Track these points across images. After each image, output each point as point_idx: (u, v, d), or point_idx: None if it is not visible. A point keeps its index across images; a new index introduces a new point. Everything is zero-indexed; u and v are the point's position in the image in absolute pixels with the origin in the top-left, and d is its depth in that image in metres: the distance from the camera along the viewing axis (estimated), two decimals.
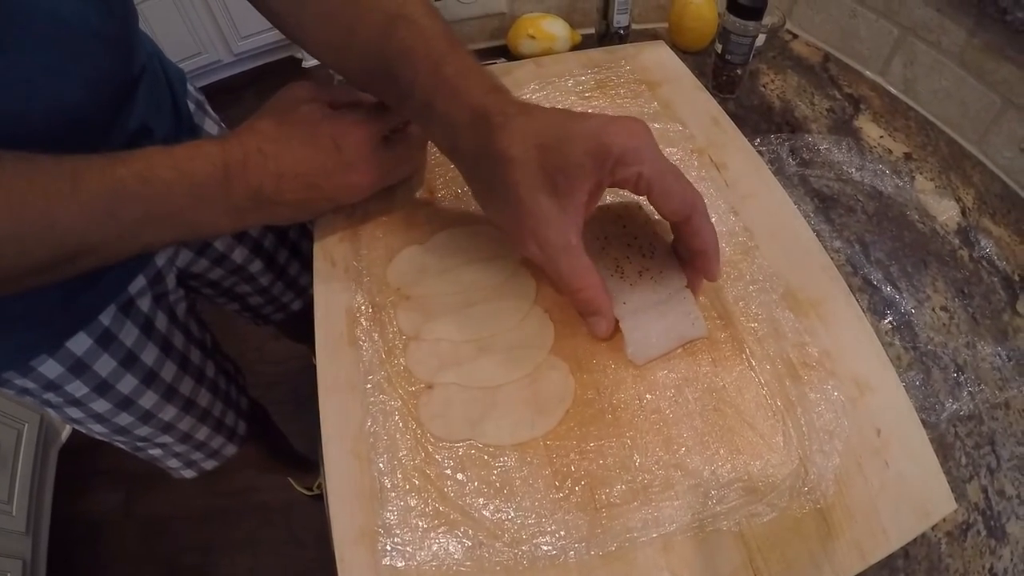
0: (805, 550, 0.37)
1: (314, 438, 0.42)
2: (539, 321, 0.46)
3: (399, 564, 0.37)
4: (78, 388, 0.57)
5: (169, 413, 0.67)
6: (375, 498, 0.39)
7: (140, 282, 0.59)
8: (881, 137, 0.72)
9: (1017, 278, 0.60)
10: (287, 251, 0.80)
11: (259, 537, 1.38)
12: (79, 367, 0.56)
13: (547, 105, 0.61)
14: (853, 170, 0.67)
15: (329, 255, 0.52)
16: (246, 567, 1.35)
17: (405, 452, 0.41)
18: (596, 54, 0.68)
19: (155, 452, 0.74)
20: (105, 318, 0.56)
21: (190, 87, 0.67)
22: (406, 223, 0.53)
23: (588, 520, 0.38)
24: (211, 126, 0.69)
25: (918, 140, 0.73)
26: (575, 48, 0.79)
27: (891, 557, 0.39)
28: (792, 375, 0.44)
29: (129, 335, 0.59)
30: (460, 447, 0.41)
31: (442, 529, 0.38)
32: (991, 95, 0.68)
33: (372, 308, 0.48)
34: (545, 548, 0.37)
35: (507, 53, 0.81)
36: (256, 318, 0.87)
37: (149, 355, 0.62)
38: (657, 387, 0.43)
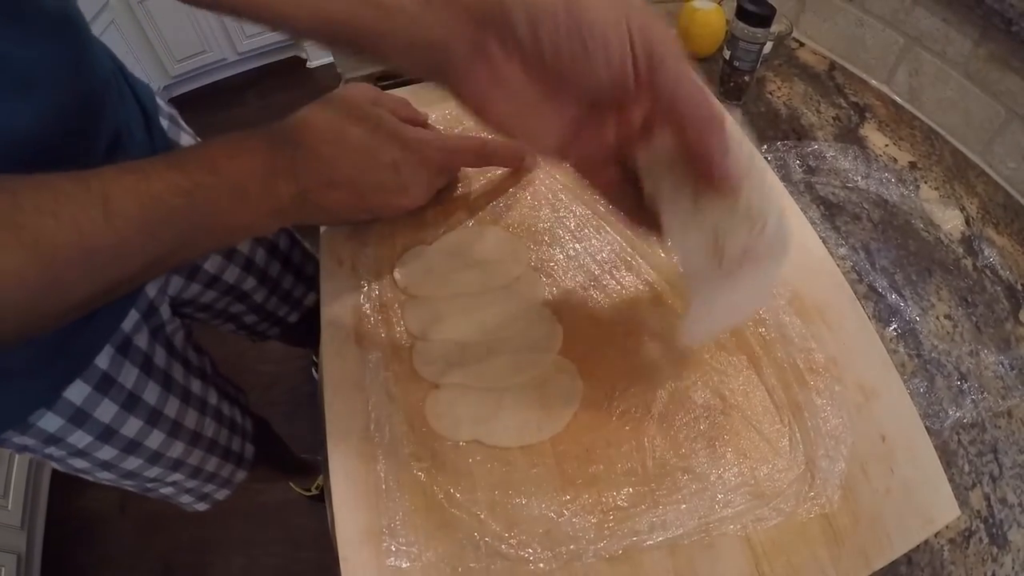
0: (810, 555, 0.37)
1: (314, 438, 0.42)
2: (547, 323, 0.46)
3: (404, 565, 0.37)
4: (80, 438, 0.54)
5: (177, 450, 0.64)
6: (380, 498, 0.39)
7: (134, 317, 0.56)
8: (886, 146, 0.73)
9: (1020, 287, 0.61)
10: (279, 263, 0.78)
11: (255, 537, 1.37)
12: (79, 417, 0.52)
13: None
14: (859, 178, 0.68)
15: (336, 254, 0.52)
16: (241, 566, 1.35)
17: (410, 452, 0.41)
18: None
19: (167, 491, 0.72)
20: (102, 361, 0.53)
21: (160, 102, 0.63)
22: (413, 223, 0.53)
23: (595, 523, 0.38)
24: (187, 140, 0.65)
25: (923, 149, 0.73)
26: None
27: (894, 563, 0.39)
28: (799, 380, 0.44)
29: (129, 376, 0.56)
30: (466, 448, 0.41)
31: (447, 530, 0.38)
32: (996, 105, 0.68)
33: (379, 307, 0.48)
34: (552, 550, 0.37)
35: None
36: (252, 335, 0.85)
37: (151, 394, 0.59)
38: (665, 390, 0.43)
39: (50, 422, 0.51)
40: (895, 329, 0.56)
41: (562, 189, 0.55)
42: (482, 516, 0.38)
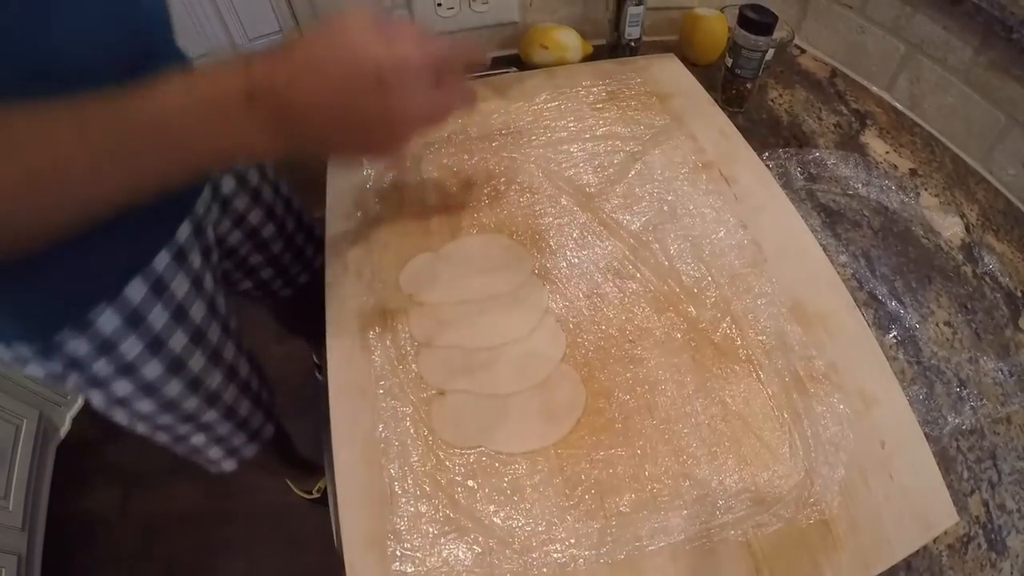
0: (810, 560, 0.38)
1: (316, 442, 0.43)
2: (551, 331, 0.47)
3: (409, 570, 0.37)
4: (132, 347, 0.55)
5: (215, 380, 0.66)
6: (385, 504, 0.39)
7: (187, 229, 0.58)
8: (887, 153, 0.73)
9: (1020, 294, 0.61)
10: (294, 220, 0.80)
11: (257, 540, 1.37)
12: (135, 319, 0.54)
13: (560, 119, 0.63)
14: (859, 185, 0.68)
15: (341, 260, 0.52)
16: (243, 570, 1.35)
17: (416, 458, 0.41)
18: (607, 65, 0.69)
19: (198, 440, 0.72)
20: (159, 263, 0.55)
21: None
22: (418, 230, 0.53)
23: (598, 528, 0.38)
24: None
25: (923, 156, 0.73)
26: (586, 59, 0.80)
27: (894, 568, 0.39)
28: (799, 388, 0.44)
29: (181, 286, 0.58)
30: (471, 454, 0.41)
31: (452, 535, 0.38)
32: (996, 112, 0.69)
33: (384, 314, 0.48)
34: (555, 556, 0.38)
35: (519, 63, 0.81)
36: (267, 296, 0.87)
37: (198, 312, 0.60)
38: (667, 397, 0.44)
39: (108, 321, 0.52)
40: (895, 336, 0.56)
41: (565, 197, 0.56)
42: (486, 521, 0.39)
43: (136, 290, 0.54)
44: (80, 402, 1.60)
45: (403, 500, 0.39)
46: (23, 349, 0.51)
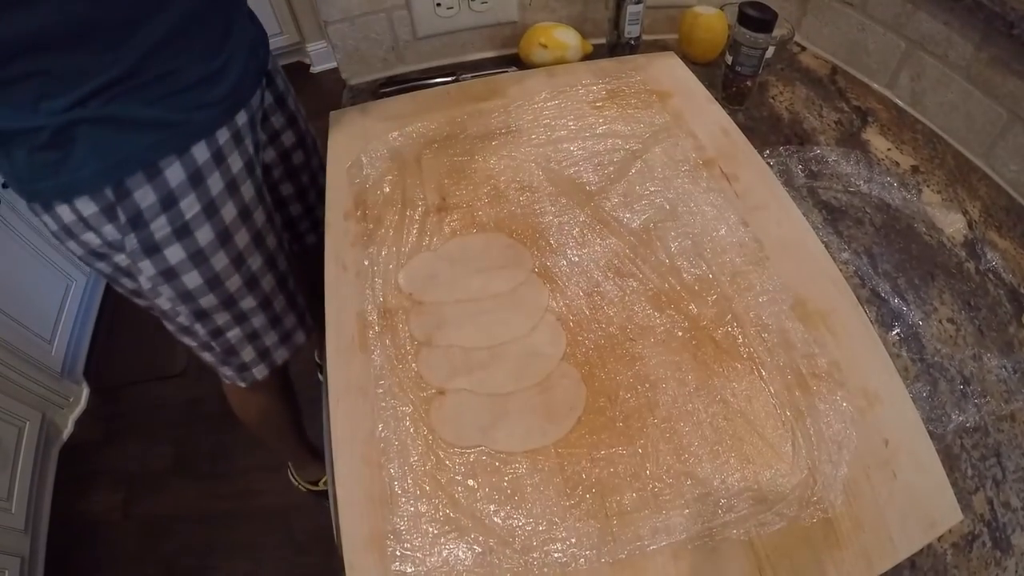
0: (814, 559, 0.38)
1: (319, 441, 0.42)
2: (551, 329, 0.46)
3: (409, 570, 0.37)
4: (191, 206, 0.59)
5: (257, 262, 0.69)
6: (385, 504, 0.39)
7: (244, 116, 0.63)
8: (889, 150, 0.73)
9: (1023, 291, 0.61)
10: (318, 159, 0.84)
11: (259, 541, 1.37)
12: (197, 178, 0.58)
13: (560, 117, 0.63)
14: (861, 182, 0.68)
15: (340, 260, 0.52)
16: (244, 570, 1.35)
17: (416, 458, 0.41)
18: (607, 64, 0.69)
19: (234, 336, 0.73)
20: (221, 136, 0.60)
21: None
22: (418, 229, 0.53)
23: (599, 528, 0.38)
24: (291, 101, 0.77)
25: (925, 153, 0.73)
26: (586, 58, 0.80)
27: (898, 567, 0.39)
28: (801, 385, 0.44)
29: (236, 162, 0.62)
30: (471, 453, 0.41)
31: (452, 535, 0.38)
32: (997, 108, 0.68)
33: (383, 313, 0.48)
34: (556, 555, 0.37)
35: (519, 62, 0.81)
36: (294, 238, 0.89)
37: (247, 191, 0.65)
38: (668, 396, 0.43)
39: (175, 175, 0.57)
40: (898, 333, 0.56)
41: (565, 196, 0.55)
42: (486, 521, 0.38)
43: (200, 152, 0.58)
44: (83, 404, 1.60)
45: (403, 500, 0.39)
46: (87, 205, 0.54)
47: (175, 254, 0.60)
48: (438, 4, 0.77)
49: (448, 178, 0.58)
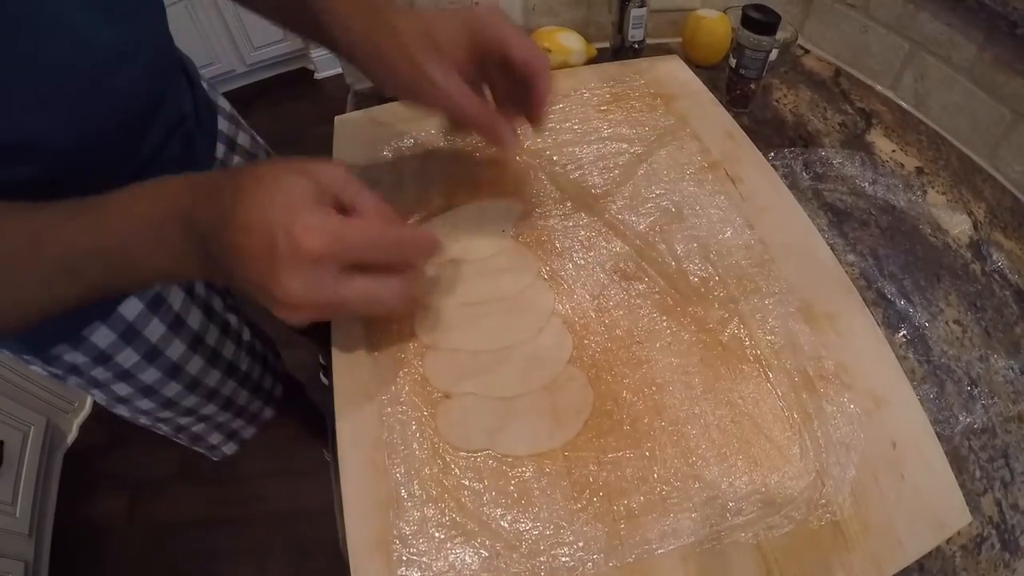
0: (822, 562, 0.37)
1: (324, 444, 0.42)
2: (557, 332, 0.46)
3: (415, 574, 0.37)
4: (128, 357, 0.57)
5: (214, 378, 0.68)
6: (391, 508, 0.39)
7: None
8: (893, 151, 0.73)
9: None
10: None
11: (264, 546, 1.37)
12: (130, 333, 0.56)
13: (565, 121, 0.63)
14: (866, 184, 0.68)
15: None
16: (249, 575, 1.35)
17: (422, 462, 0.41)
18: (611, 68, 0.69)
19: (198, 429, 0.74)
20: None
21: (217, 100, 0.70)
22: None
23: (606, 531, 0.38)
24: (224, 102, 0.71)
25: (929, 154, 0.73)
26: (590, 62, 0.80)
27: (906, 570, 0.38)
28: (809, 388, 0.44)
29: (176, 298, 0.60)
30: (478, 457, 0.41)
31: (459, 539, 0.38)
32: (1002, 109, 0.68)
33: (388, 317, 0.48)
34: (563, 559, 0.37)
35: None
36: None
37: (195, 320, 0.63)
38: (675, 399, 0.43)
39: (103, 337, 0.54)
40: (904, 335, 0.56)
41: (570, 200, 0.55)
42: (493, 525, 0.38)
43: (131, 307, 0.56)
44: (87, 409, 1.60)
45: (409, 504, 0.39)
46: (26, 354, 0.54)
47: (122, 389, 0.60)
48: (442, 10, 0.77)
49: (452, 182, 0.58)
